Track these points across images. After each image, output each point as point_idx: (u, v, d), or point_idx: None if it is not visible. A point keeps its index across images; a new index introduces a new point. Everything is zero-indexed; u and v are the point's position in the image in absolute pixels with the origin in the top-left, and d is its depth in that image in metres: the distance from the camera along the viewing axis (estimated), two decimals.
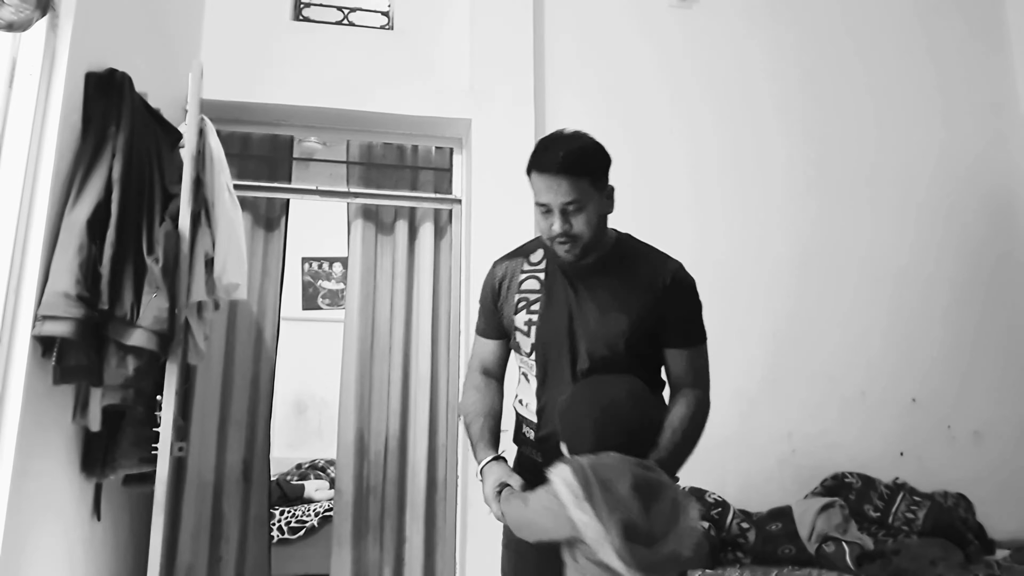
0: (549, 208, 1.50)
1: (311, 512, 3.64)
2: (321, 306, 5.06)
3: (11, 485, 1.65)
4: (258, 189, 3.06)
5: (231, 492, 2.83)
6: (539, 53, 3.11)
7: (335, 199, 3.14)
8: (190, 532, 2.71)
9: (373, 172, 3.22)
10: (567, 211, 1.49)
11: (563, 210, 1.49)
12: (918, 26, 3.54)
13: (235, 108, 2.93)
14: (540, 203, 1.52)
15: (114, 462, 2.05)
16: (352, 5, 3.25)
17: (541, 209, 1.53)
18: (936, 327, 3.22)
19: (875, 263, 3.24)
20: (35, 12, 1.73)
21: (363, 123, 3.13)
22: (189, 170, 2.15)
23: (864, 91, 3.41)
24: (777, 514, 2.69)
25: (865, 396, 3.10)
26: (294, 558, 3.41)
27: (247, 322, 2.96)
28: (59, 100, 1.82)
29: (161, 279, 1.93)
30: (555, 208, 1.49)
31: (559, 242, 1.52)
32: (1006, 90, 3.54)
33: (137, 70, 2.09)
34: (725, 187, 3.20)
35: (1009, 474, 3.10)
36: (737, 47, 3.35)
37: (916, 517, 2.73)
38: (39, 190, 1.79)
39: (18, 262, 1.75)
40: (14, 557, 1.68)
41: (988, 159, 3.45)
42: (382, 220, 3.15)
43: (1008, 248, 3.38)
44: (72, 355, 1.78)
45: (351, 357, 2.98)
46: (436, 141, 3.28)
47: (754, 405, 2.98)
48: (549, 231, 1.52)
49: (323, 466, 4.45)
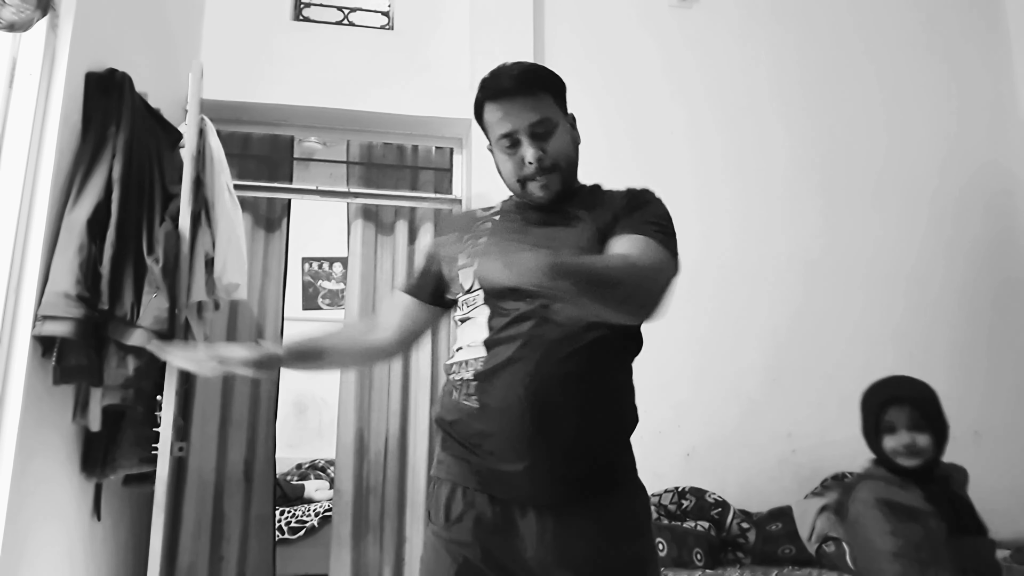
0: (515, 137, 1.29)
1: (311, 512, 3.64)
2: (321, 306, 5.06)
3: (11, 485, 1.65)
4: (258, 189, 3.05)
5: (232, 492, 2.83)
6: (539, 53, 3.11)
7: (335, 199, 3.13)
8: (191, 532, 2.71)
9: (373, 172, 3.22)
10: (537, 134, 1.28)
11: (532, 133, 1.28)
12: (922, 27, 3.53)
13: (235, 108, 2.93)
14: (503, 135, 1.29)
15: (114, 462, 2.05)
16: (352, 5, 3.25)
17: (504, 144, 1.30)
18: (936, 327, 3.22)
19: (875, 263, 3.24)
20: (36, 12, 1.73)
21: (363, 123, 3.13)
22: (189, 170, 2.15)
23: (866, 90, 3.41)
24: (777, 514, 2.69)
25: None
26: (294, 558, 3.40)
27: (248, 322, 2.96)
28: (59, 100, 1.82)
29: (161, 279, 1.93)
30: (523, 133, 1.28)
31: (534, 176, 1.29)
32: (1012, 91, 3.54)
33: (137, 70, 2.09)
34: (726, 187, 3.20)
35: (1009, 474, 3.10)
36: (738, 47, 3.35)
37: None
38: (39, 190, 1.79)
39: (18, 262, 1.75)
40: (14, 557, 1.68)
41: (988, 159, 3.45)
42: (382, 220, 3.15)
43: (1009, 248, 3.38)
44: (72, 355, 1.78)
45: None
46: (436, 141, 3.28)
47: (754, 405, 2.98)
48: (521, 166, 1.30)
49: (323, 466, 4.45)
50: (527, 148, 1.29)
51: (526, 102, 1.29)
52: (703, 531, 2.56)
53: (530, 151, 1.28)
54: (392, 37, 3.21)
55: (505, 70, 1.32)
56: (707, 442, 2.89)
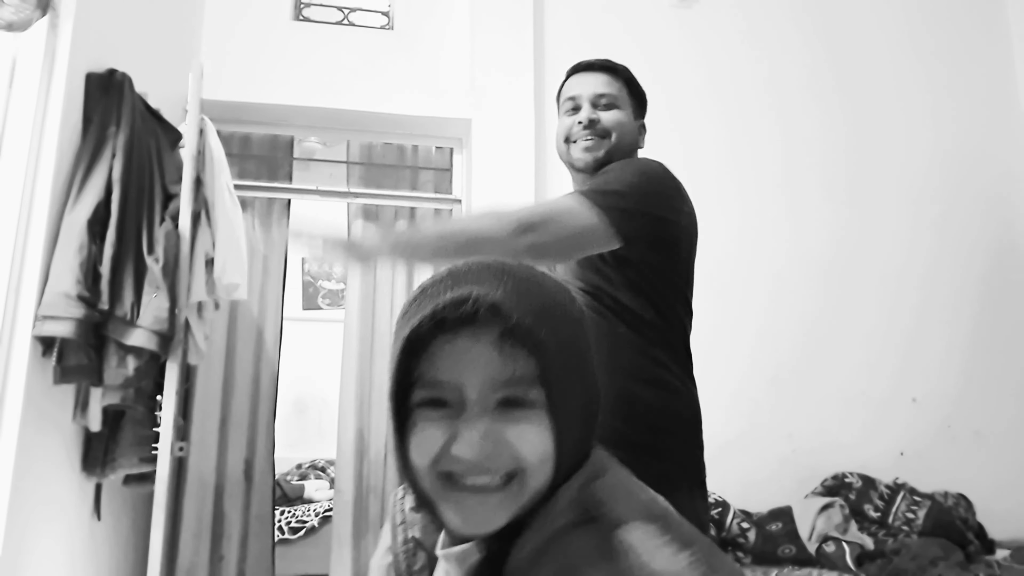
0: (577, 102, 1.36)
1: (311, 512, 3.64)
2: (321, 306, 5.06)
3: (11, 485, 1.65)
4: (258, 189, 3.06)
5: (232, 492, 2.83)
6: (539, 53, 3.11)
7: (335, 199, 3.14)
8: (191, 532, 2.71)
9: (373, 172, 3.23)
10: (598, 104, 1.36)
11: (594, 102, 1.35)
12: (923, 27, 3.53)
13: (235, 108, 2.93)
14: (569, 97, 1.37)
15: (114, 462, 2.06)
16: (352, 5, 3.25)
17: (568, 106, 1.37)
18: (936, 326, 3.22)
19: (876, 264, 3.24)
20: (35, 12, 1.74)
21: (363, 123, 3.13)
22: (189, 170, 2.15)
23: (867, 90, 3.41)
24: (777, 514, 2.69)
25: (865, 396, 3.10)
26: (294, 558, 3.40)
27: (248, 322, 2.96)
28: (59, 100, 1.82)
29: (161, 279, 1.93)
30: (585, 99, 1.35)
31: (583, 135, 1.34)
32: (1012, 91, 3.54)
33: (137, 70, 2.10)
34: (725, 188, 3.19)
35: (1009, 474, 3.10)
36: (738, 47, 3.35)
37: (916, 517, 2.73)
38: (39, 190, 1.79)
39: (18, 262, 1.76)
40: (14, 557, 1.68)
41: (988, 159, 3.45)
42: (382, 220, 3.15)
43: (1009, 248, 3.38)
44: (72, 355, 1.78)
45: (351, 357, 2.98)
46: (436, 141, 3.28)
47: (754, 405, 2.98)
48: (572, 126, 1.35)
49: (323, 466, 4.45)
50: (584, 111, 1.35)
51: (600, 77, 1.37)
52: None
53: (585, 112, 1.35)
54: (392, 37, 3.21)
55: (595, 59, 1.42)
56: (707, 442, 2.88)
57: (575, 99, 1.37)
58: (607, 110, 1.35)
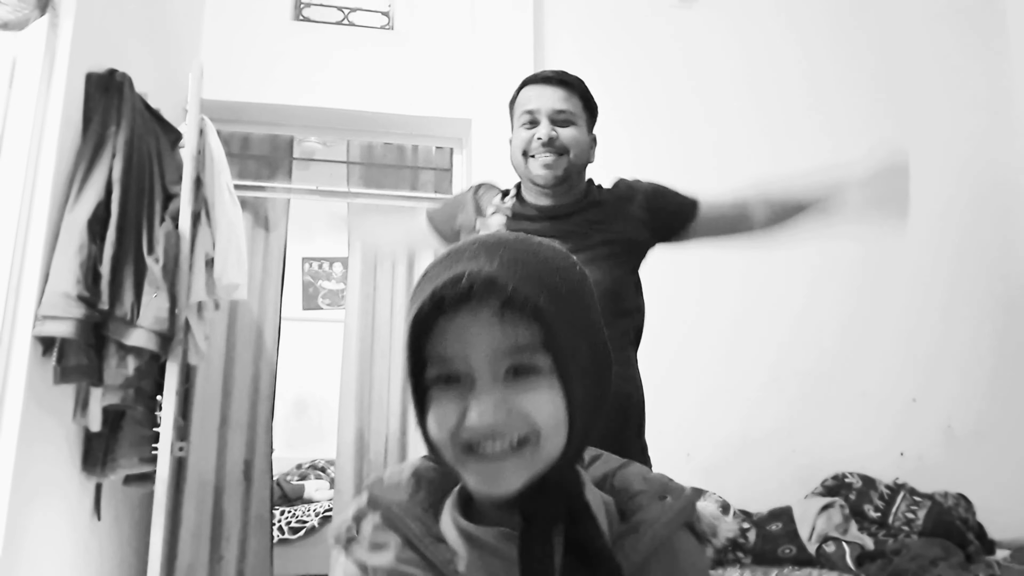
0: (535, 116, 1.40)
1: (311, 512, 3.65)
2: (321, 306, 5.06)
3: (11, 485, 1.65)
4: (258, 189, 3.05)
5: (232, 492, 2.83)
6: (539, 53, 3.11)
7: (335, 199, 3.14)
8: (191, 531, 2.71)
9: (373, 172, 3.23)
10: (556, 120, 1.39)
11: (552, 119, 1.39)
12: (924, 27, 3.53)
13: (235, 108, 2.93)
14: (527, 111, 1.40)
15: (114, 462, 2.06)
16: (352, 5, 3.25)
17: (525, 119, 1.40)
18: (936, 326, 3.22)
19: (877, 265, 3.23)
20: (33, 12, 1.73)
21: (363, 123, 3.13)
22: (189, 170, 2.15)
23: (867, 90, 3.41)
24: (777, 514, 2.69)
25: (865, 396, 3.10)
26: (294, 558, 3.41)
27: (248, 322, 2.96)
28: (59, 100, 1.82)
29: (161, 279, 1.93)
30: (543, 114, 1.39)
31: (542, 152, 1.38)
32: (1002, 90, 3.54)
33: (137, 70, 2.10)
34: (725, 188, 3.19)
35: (1009, 474, 3.10)
36: (738, 47, 3.35)
37: (916, 517, 2.73)
38: (39, 190, 1.79)
39: (18, 262, 1.76)
40: (14, 557, 1.68)
41: (988, 158, 3.45)
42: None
43: (1008, 247, 3.38)
44: (72, 355, 1.78)
45: (351, 357, 2.98)
46: (436, 141, 3.28)
47: (754, 405, 2.98)
48: (530, 141, 1.39)
49: (323, 466, 4.45)
50: (543, 127, 1.38)
51: (557, 92, 1.40)
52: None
53: (544, 129, 1.38)
54: (392, 37, 3.21)
55: (550, 70, 1.47)
56: (707, 442, 2.89)
57: (533, 113, 1.40)
58: (565, 127, 1.40)
